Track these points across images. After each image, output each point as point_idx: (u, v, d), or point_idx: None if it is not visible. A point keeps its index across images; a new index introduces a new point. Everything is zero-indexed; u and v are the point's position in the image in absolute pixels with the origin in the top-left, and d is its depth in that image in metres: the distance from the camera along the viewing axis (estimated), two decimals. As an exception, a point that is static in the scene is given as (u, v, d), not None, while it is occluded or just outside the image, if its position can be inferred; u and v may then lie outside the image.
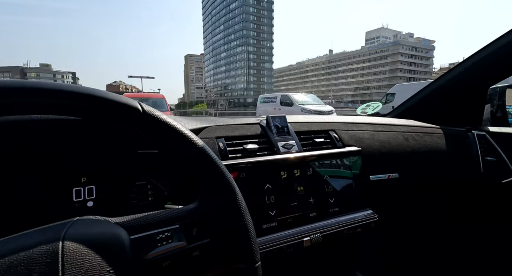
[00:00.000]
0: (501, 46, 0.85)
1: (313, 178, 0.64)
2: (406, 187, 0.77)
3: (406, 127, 0.89)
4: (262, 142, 0.65)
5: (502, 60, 0.87)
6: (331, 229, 0.60)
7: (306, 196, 0.62)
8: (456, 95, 0.99)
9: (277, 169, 0.61)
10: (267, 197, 0.58)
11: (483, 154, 0.86)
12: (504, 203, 0.85)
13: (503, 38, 0.84)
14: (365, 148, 0.76)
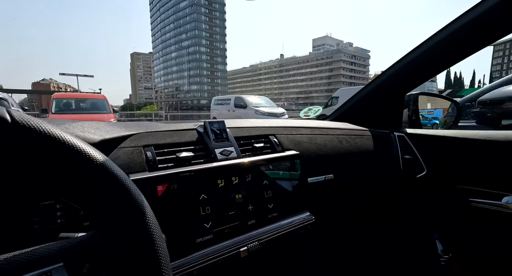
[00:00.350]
0: (411, 59, 0.98)
1: (252, 185, 0.64)
2: (340, 186, 0.83)
3: (340, 130, 0.96)
4: (198, 149, 0.62)
5: (413, 71, 1.00)
6: (269, 236, 0.60)
7: (245, 204, 0.61)
8: (380, 101, 1.11)
9: (214, 177, 0.58)
10: (202, 208, 0.54)
11: (402, 153, 0.98)
12: (418, 195, 0.97)
13: (412, 53, 0.97)
14: (303, 151, 0.79)
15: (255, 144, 0.71)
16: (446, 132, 1.00)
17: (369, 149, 0.94)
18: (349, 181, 0.85)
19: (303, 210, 0.70)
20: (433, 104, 1.32)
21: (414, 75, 1.02)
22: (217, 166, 0.59)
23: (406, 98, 1.13)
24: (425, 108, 1.34)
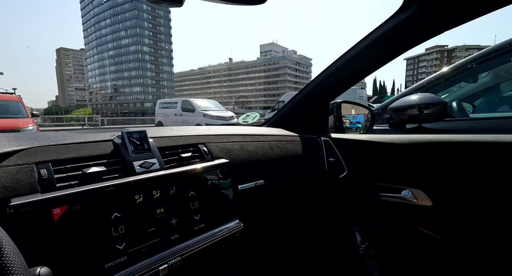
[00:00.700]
0: (333, 70, 1.09)
1: (177, 197, 0.61)
2: (271, 191, 0.86)
3: (272, 137, 1.00)
4: (112, 162, 0.56)
5: (336, 81, 1.12)
6: (194, 249, 0.58)
7: (167, 218, 0.58)
8: (309, 109, 1.20)
9: (130, 193, 0.54)
10: (114, 228, 0.49)
11: (328, 156, 1.09)
12: (341, 193, 1.09)
13: (334, 65, 1.08)
14: (234, 159, 0.80)
15: (182, 154, 0.69)
16: (361, 136, 1.14)
17: (298, 153, 1.01)
18: (279, 186, 0.90)
19: (232, 218, 0.71)
20: (357, 110, 1.49)
21: (336, 84, 1.14)
22: (135, 180, 0.54)
23: (330, 106, 1.25)
24: (350, 114, 1.50)
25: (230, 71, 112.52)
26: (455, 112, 1.97)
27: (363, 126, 1.51)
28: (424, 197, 0.91)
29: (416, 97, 1.47)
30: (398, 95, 2.06)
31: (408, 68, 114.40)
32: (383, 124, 1.78)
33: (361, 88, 17.49)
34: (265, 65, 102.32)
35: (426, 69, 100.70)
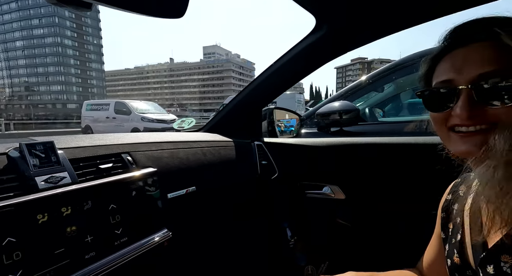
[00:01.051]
0: (264, 78, 1.17)
1: (93, 212, 0.56)
2: (203, 197, 0.87)
3: (206, 143, 1.01)
4: (6, 180, 0.49)
5: (266, 88, 1.20)
6: (115, 265, 0.55)
7: (80, 236, 0.53)
8: (243, 114, 1.26)
9: (30, 212, 0.47)
10: (6, 256, 0.43)
11: (260, 159, 1.15)
12: (272, 193, 1.17)
13: (264, 73, 1.16)
14: (163, 167, 0.78)
15: (101, 165, 0.64)
16: (291, 140, 1.25)
17: (231, 158, 1.04)
18: (212, 191, 0.91)
19: (160, 228, 0.69)
20: (290, 115, 1.61)
21: (267, 92, 1.22)
22: (36, 198, 0.48)
23: (263, 112, 1.33)
24: (284, 118, 1.62)
25: (172, 71, 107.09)
26: (368, 117, 2.33)
27: (295, 130, 1.65)
28: (340, 191, 1.06)
29: (337, 104, 1.69)
30: (324, 101, 2.32)
31: (338, 75, 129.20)
32: (312, 127, 1.98)
33: (299, 93, 18.96)
34: (209, 67, 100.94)
35: (352, 77, 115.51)
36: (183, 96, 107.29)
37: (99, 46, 75.76)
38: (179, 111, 67.27)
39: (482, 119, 0.39)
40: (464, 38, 0.42)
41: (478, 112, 0.39)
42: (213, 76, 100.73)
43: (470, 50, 0.41)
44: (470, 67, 0.40)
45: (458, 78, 0.41)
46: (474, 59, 0.40)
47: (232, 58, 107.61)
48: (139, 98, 51.07)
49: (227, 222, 1.00)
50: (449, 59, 0.44)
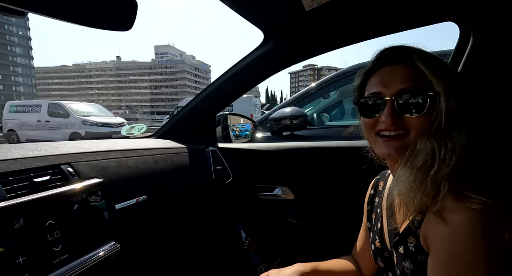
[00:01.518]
0: (218, 85, 1.20)
1: (26, 230, 0.52)
2: (155, 206, 0.86)
3: (157, 150, 0.99)
4: None
5: (220, 95, 1.23)
6: None
7: (9, 258, 0.48)
8: (197, 120, 1.26)
9: None
10: None
11: (214, 165, 1.17)
12: (227, 197, 1.20)
13: (218, 80, 1.19)
14: (110, 177, 0.74)
15: (36, 179, 0.59)
16: (244, 145, 1.30)
17: (185, 165, 1.04)
18: (165, 199, 0.90)
19: (107, 241, 0.66)
20: (244, 119, 1.66)
21: (221, 98, 1.25)
22: None
23: (217, 117, 1.35)
24: (240, 123, 1.66)
25: (119, 71, 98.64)
26: (316, 121, 2.53)
27: (250, 134, 1.71)
28: (289, 192, 1.15)
29: (288, 110, 1.81)
30: (276, 107, 2.45)
31: (292, 80, 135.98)
32: (266, 132, 2.07)
33: (256, 97, 19.38)
34: (162, 68, 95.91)
35: (304, 82, 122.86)
36: (132, 97, 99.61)
37: (26, 38, 65.50)
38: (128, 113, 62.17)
39: (401, 126, 0.49)
40: (391, 59, 0.53)
41: (398, 120, 0.49)
42: (166, 77, 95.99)
43: (395, 69, 0.51)
44: (394, 82, 0.50)
45: (385, 91, 0.51)
46: (397, 76, 0.50)
47: (187, 59, 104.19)
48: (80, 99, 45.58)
49: (182, 229, 1.00)
50: (378, 75, 0.54)
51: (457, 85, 0.46)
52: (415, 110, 0.47)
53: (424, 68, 0.47)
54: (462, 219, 0.39)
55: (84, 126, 9.39)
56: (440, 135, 0.44)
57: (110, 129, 9.56)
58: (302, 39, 1.01)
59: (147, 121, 33.44)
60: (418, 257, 0.47)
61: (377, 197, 0.69)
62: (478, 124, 0.45)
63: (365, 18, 0.91)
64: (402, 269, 0.50)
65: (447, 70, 0.49)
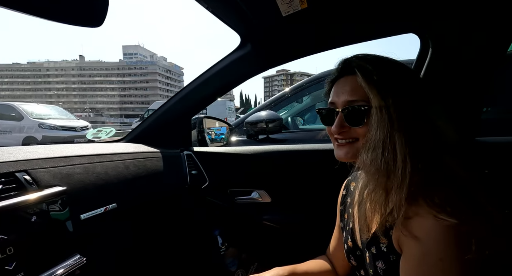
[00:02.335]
0: (193, 88, 1.17)
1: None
2: (125, 213, 0.80)
3: (128, 155, 0.93)
4: None
5: (195, 98, 1.20)
6: None
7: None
8: (171, 123, 1.21)
9: None
10: None
11: (190, 169, 1.14)
12: (203, 202, 1.17)
13: (193, 83, 1.16)
14: (75, 185, 0.68)
15: (-16, 189, 0.52)
16: (220, 149, 1.28)
17: (159, 170, 1.00)
18: (137, 205, 0.85)
19: (71, 255, 0.60)
20: (220, 123, 1.64)
21: (196, 102, 1.22)
22: None
23: (192, 121, 1.31)
24: (215, 126, 1.63)
25: (83, 71, 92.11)
26: (291, 125, 2.59)
27: (225, 138, 1.69)
28: (266, 195, 1.15)
29: (264, 114, 1.82)
30: (252, 111, 2.47)
31: (265, 85, 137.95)
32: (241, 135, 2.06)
33: (230, 100, 19.32)
34: (131, 69, 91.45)
35: (277, 87, 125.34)
36: (98, 99, 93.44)
37: (-28, 31, 58.34)
38: (93, 116, 58.11)
39: (349, 134, 0.54)
40: (343, 70, 0.57)
41: (345, 130, 0.54)
42: (135, 78, 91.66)
43: (347, 80, 0.55)
44: (343, 94, 0.54)
45: (337, 101, 0.55)
46: (346, 88, 0.54)
47: (158, 60, 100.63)
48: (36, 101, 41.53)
49: (155, 237, 0.95)
50: (336, 85, 0.58)
51: (394, 99, 0.47)
52: (357, 122, 0.52)
53: (362, 82, 0.50)
54: (430, 223, 0.42)
55: (41, 129, 8.57)
56: (382, 147, 0.47)
57: (72, 133, 8.85)
58: (278, 44, 1.03)
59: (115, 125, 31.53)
60: (390, 257, 0.49)
61: (349, 198, 0.71)
62: (419, 135, 0.47)
63: (336, 27, 0.96)
64: (374, 268, 0.52)
65: (388, 84, 0.49)
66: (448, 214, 0.41)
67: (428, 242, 0.42)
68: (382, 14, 0.89)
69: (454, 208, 0.41)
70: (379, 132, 0.47)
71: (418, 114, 0.48)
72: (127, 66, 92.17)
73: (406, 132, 0.46)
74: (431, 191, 0.44)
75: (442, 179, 0.45)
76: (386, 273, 0.50)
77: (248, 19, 0.89)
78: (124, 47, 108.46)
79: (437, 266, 0.41)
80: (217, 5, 0.85)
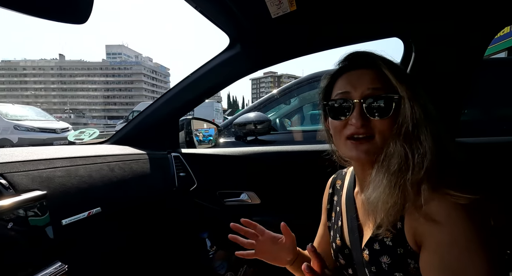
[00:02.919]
0: (181, 89, 1.15)
1: None
2: (111, 217, 0.77)
3: (113, 157, 0.90)
4: None
5: (183, 99, 1.18)
6: None
7: None
8: (159, 125, 1.19)
9: None
10: None
11: (178, 171, 1.12)
12: (191, 204, 1.15)
13: (181, 84, 1.14)
14: (56, 189, 0.65)
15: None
16: (209, 150, 1.26)
17: (146, 172, 0.97)
18: (124, 209, 0.82)
19: (51, 262, 0.57)
20: (208, 124, 1.62)
21: (184, 103, 1.20)
22: None
23: (180, 122, 1.29)
24: (203, 128, 1.61)
25: (63, 70, 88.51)
26: (279, 126, 2.61)
27: (214, 139, 1.68)
28: (256, 197, 1.15)
29: (252, 115, 1.82)
30: (240, 112, 2.46)
31: (253, 86, 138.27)
32: (230, 137, 2.05)
33: (217, 102, 19.18)
34: (115, 69, 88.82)
35: (265, 89, 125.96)
36: (79, 100, 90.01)
37: None
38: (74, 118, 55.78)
39: (368, 129, 0.51)
40: (358, 63, 0.55)
41: (366, 122, 0.50)
42: (120, 79, 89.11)
43: (362, 73, 0.53)
44: (362, 85, 0.52)
45: (353, 92, 0.52)
46: (365, 79, 0.52)
47: (144, 61, 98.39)
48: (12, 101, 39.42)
49: (142, 240, 0.92)
50: (346, 77, 0.55)
51: (418, 91, 0.50)
52: (381, 113, 0.49)
53: (389, 74, 0.50)
54: (448, 205, 0.41)
55: (17, 131, 8.14)
56: (409, 139, 0.46)
57: (52, 135, 8.46)
58: (268, 45, 1.03)
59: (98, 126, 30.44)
60: (397, 250, 0.48)
61: (335, 196, 0.71)
62: (440, 126, 0.48)
63: (324, 30, 0.97)
64: (377, 265, 0.51)
65: (408, 77, 0.51)
66: (464, 193, 0.40)
67: (451, 224, 0.41)
68: (369, 17, 0.91)
69: (467, 189, 0.41)
70: (411, 121, 0.47)
71: (432, 108, 0.50)
72: (110, 66, 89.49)
73: (431, 123, 0.47)
74: (444, 176, 0.44)
75: (452, 165, 0.46)
76: (392, 267, 0.48)
77: (238, 20, 0.89)
78: (107, 47, 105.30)
79: (468, 247, 0.39)
80: (206, 5, 0.84)
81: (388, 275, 0.49)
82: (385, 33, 0.98)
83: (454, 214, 0.41)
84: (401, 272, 0.48)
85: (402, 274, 0.48)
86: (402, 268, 0.48)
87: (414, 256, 0.47)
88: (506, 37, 5.01)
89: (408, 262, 0.47)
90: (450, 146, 0.48)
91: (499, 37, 5.10)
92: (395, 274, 0.48)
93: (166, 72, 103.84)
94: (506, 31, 4.99)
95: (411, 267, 0.47)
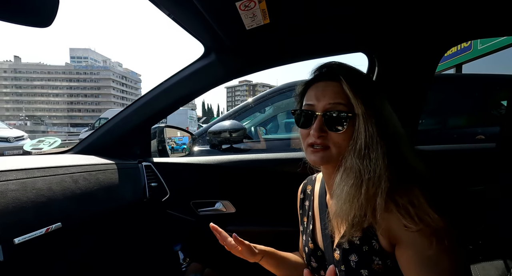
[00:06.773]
0: (153, 97, 1.11)
1: None
2: (74, 233, 0.71)
3: (77, 167, 0.84)
4: None
5: (155, 107, 1.14)
6: None
7: None
8: (129, 133, 1.13)
9: None
10: None
11: (149, 181, 1.07)
12: (163, 216, 1.10)
13: (153, 91, 1.11)
14: (8, 203, 0.59)
15: None
16: (182, 159, 1.23)
17: (113, 183, 0.91)
18: (87, 223, 0.76)
19: None
20: (182, 132, 1.58)
21: (156, 111, 1.16)
22: None
23: (152, 130, 1.25)
24: (176, 136, 1.57)
25: (18, 74, 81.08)
26: (254, 135, 2.63)
27: (188, 147, 1.64)
28: (231, 205, 1.13)
29: (227, 123, 1.82)
30: (215, 120, 2.45)
31: (228, 95, 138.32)
32: (206, 145, 2.02)
33: (192, 109, 18.84)
34: (80, 74, 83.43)
35: (240, 97, 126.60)
36: (37, 106, 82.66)
37: None
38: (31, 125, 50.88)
39: (325, 140, 0.55)
40: (325, 75, 0.58)
41: (323, 134, 0.54)
42: (86, 84, 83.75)
43: (328, 85, 0.56)
44: (324, 97, 0.55)
45: (317, 104, 0.55)
46: (327, 92, 0.55)
47: (113, 66, 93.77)
48: (-46, 106, 34.97)
49: (110, 254, 0.86)
50: (315, 88, 0.58)
51: (377, 107, 0.52)
52: (337, 128, 0.53)
53: (347, 90, 0.52)
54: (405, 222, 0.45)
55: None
56: (362, 156, 0.50)
57: (4, 144, 7.63)
58: (242, 56, 1.05)
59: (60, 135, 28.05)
60: (363, 248, 0.51)
61: (307, 201, 0.74)
62: (400, 140, 0.52)
63: (296, 42, 1.02)
64: (346, 263, 0.54)
65: (367, 93, 0.53)
66: (414, 216, 0.44)
67: (412, 243, 0.45)
68: (336, 33, 0.98)
69: (421, 210, 0.44)
70: (364, 138, 0.50)
71: (392, 121, 0.53)
72: (75, 70, 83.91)
73: (386, 138, 0.50)
74: (402, 190, 0.47)
75: (411, 179, 0.49)
76: (358, 265, 0.51)
77: (212, 30, 0.90)
78: (71, 50, 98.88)
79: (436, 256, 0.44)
80: (179, 13, 0.84)
81: (355, 272, 0.52)
82: (351, 48, 1.06)
83: (411, 234, 0.45)
84: (366, 269, 0.51)
85: (367, 271, 0.51)
86: (366, 265, 0.51)
87: (379, 253, 0.50)
88: (454, 55, 5.66)
89: (372, 259, 0.50)
90: (410, 157, 0.52)
91: (448, 55, 5.74)
92: (361, 271, 0.51)
93: (137, 78, 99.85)
94: (454, 50, 5.64)
95: (375, 263, 0.50)
